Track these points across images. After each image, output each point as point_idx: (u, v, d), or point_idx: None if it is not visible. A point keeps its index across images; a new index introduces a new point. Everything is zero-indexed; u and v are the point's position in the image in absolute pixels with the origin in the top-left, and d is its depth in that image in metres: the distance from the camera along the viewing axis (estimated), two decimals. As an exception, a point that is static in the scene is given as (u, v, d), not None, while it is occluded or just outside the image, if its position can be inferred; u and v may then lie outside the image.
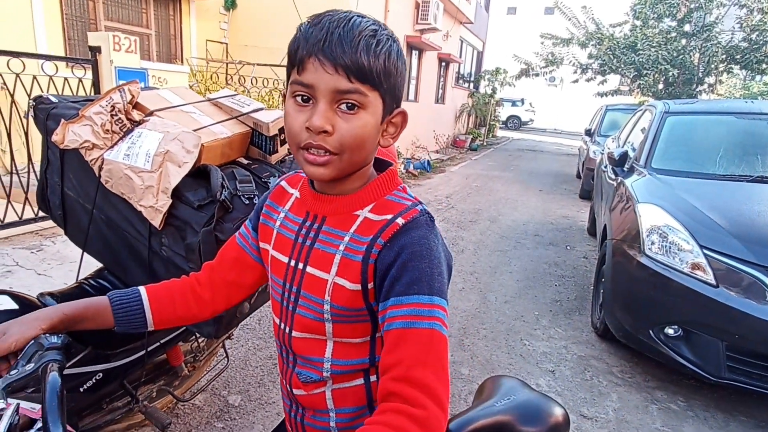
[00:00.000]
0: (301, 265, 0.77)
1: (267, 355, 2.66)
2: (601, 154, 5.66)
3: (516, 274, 4.25)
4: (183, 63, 7.57)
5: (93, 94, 3.91)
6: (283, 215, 0.83)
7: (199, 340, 2.04)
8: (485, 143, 16.43)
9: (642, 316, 2.57)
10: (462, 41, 15.83)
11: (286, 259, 0.79)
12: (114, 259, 1.57)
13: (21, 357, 0.68)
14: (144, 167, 1.34)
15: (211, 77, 6.29)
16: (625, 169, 3.60)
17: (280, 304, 0.80)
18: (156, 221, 1.35)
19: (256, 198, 1.44)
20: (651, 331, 2.50)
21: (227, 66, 7.75)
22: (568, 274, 4.37)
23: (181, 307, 0.88)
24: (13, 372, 0.65)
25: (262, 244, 0.87)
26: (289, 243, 0.79)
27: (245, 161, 1.60)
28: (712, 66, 11.04)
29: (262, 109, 1.66)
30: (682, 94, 11.40)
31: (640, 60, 11.04)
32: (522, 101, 26.41)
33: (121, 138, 1.41)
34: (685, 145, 3.46)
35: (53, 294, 1.47)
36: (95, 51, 3.93)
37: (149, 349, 1.67)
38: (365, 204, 0.74)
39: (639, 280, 2.59)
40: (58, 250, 3.61)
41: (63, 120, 1.38)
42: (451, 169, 10.44)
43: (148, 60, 6.97)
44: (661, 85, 11.74)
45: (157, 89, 1.69)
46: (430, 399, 0.60)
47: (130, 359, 1.62)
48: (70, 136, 1.37)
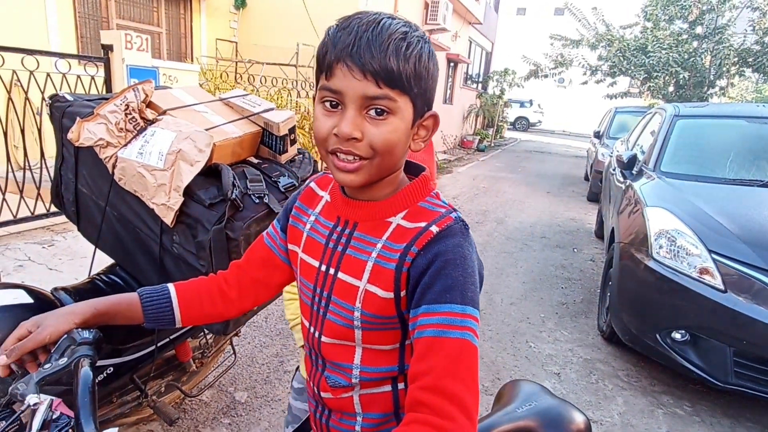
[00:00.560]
0: (332, 271, 0.76)
1: (273, 352, 2.68)
2: (610, 156, 5.63)
3: (522, 276, 4.24)
4: (193, 61, 7.63)
5: (105, 92, 3.96)
6: (313, 218, 0.83)
7: (208, 337, 2.06)
8: (493, 144, 16.38)
9: (649, 320, 2.57)
10: (471, 42, 15.80)
11: (316, 263, 0.79)
12: (126, 256, 1.60)
13: (54, 351, 0.69)
14: (157, 165, 1.37)
15: (220, 76, 6.33)
16: (633, 172, 3.58)
17: (311, 308, 0.80)
18: (168, 219, 1.37)
19: (266, 197, 1.45)
20: (658, 335, 2.50)
21: (237, 65, 7.80)
22: (574, 277, 4.36)
23: (208, 305, 0.89)
24: (47, 366, 0.66)
25: (290, 246, 0.86)
26: (319, 247, 0.79)
27: (255, 160, 1.62)
28: (724, 69, 10.92)
29: (272, 109, 1.68)
30: (692, 96, 11.30)
31: (651, 62, 10.95)
32: (530, 102, 26.30)
33: (134, 136, 1.43)
34: (695, 149, 3.44)
35: (66, 289, 1.50)
36: (107, 49, 3.98)
37: (159, 344, 1.70)
38: (398, 211, 0.73)
39: (646, 284, 2.58)
40: (69, 246, 3.65)
41: (78, 118, 1.40)
42: (459, 169, 10.43)
43: (159, 58, 7.04)
44: (671, 88, 11.65)
45: (169, 88, 1.71)
46: (460, 410, 0.59)
47: (139, 354, 1.64)
48: (85, 134, 1.39)
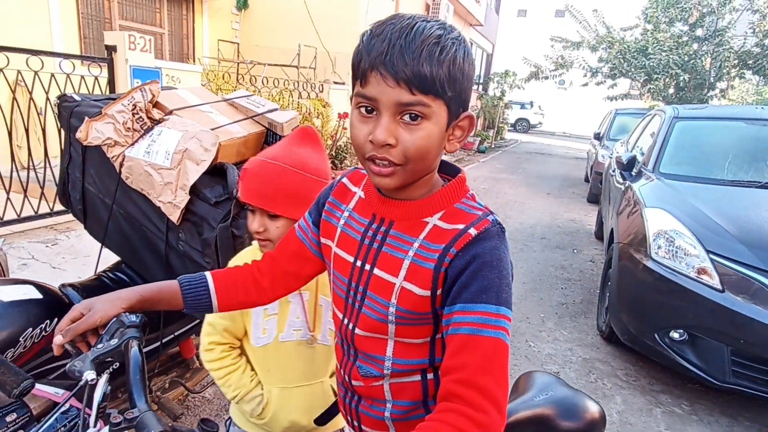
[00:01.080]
0: (368, 267, 0.78)
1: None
2: (610, 158, 5.65)
3: (522, 277, 4.26)
4: (195, 62, 7.66)
5: (108, 93, 3.99)
6: (347, 214, 0.84)
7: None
8: (493, 145, 16.41)
9: (647, 320, 2.59)
10: (472, 43, 15.85)
11: (351, 258, 0.81)
12: (132, 253, 1.63)
13: (104, 333, 0.75)
14: (163, 164, 1.39)
15: (222, 77, 6.36)
16: (633, 173, 3.61)
17: (345, 300, 0.82)
18: (174, 216, 1.40)
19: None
20: (656, 335, 2.52)
21: (238, 66, 7.84)
22: (574, 278, 4.38)
23: (243, 294, 0.92)
24: (100, 346, 0.72)
25: (323, 240, 0.88)
26: (354, 243, 0.81)
27: (260, 160, 1.64)
28: (724, 71, 10.96)
29: (276, 109, 1.71)
30: (692, 99, 11.32)
31: (651, 64, 10.98)
32: (531, 104, 26.33)
33: (141, 136, 1.46)
34: (694, 150, 3.46)
35: (74, 285, 1.53)
36: (111, 50, 4.01)
37: (164, 341, 1.72)
38: (434, 211, 0.74)
39: (645, 284, 2.61)
40: (73, 245, 3.68)
41: (87, 118, 1.43)
42: (459, 170, 10.43)
43: (161, 59, 7.07)
44: (671, 90, 11.68)
45: (175, 89, 1.74)
46: (492, 405, 0.62)
47: (145, 350, 1.67)
48: (93, 133, 1.42)
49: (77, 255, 3.51)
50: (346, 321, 0.83)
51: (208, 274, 0.91)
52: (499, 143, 17.67)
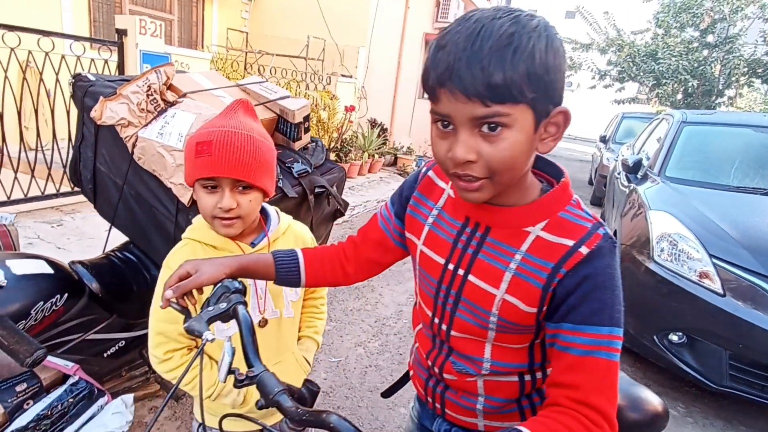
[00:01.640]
0: (461, 272, 0.76)
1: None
2: (615, 161, 5.65)
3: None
4: (204, 50, 7.66)
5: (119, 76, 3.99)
6: (436, 212, 0.83)
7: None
8: (498, 145, 16.39)
9: (647, 322, 2.60)
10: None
11: (442, 260, 0.79)
12: (140, 234, 1.64)
13: (212, 296, 0.80)
14: (176, 146, 1.41)
15: (231, 65, 6.36)
16: (638, 176, 3.61)
17: (434, 301, 0.82)
18: (185, 198, 1.41)
19: (281, 182, 1.49)
20: (655, 337, 2.53)
21: (247, 55, 7.83)
22: (575, 278, 4.39)
23: (329, 273, 0.95)
24: (210, 309, 0.76)
25: (408, 235, 0.88)
26: (446, 245, 0.79)
27: (271, 146, 1.65)
28: (733, 78, 10.93)
29: (288, 96, 1.72)
30: (700, 105, 11.30)
31: (660, 69, 10.96)
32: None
33: (155, 117, 1.47)
34: (701, 156, 3.47)
35: (83, 263, 1.55)
36: (122, 34, 4.01)
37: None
38: (537, 221, 0.71)
39: (646, 286, 2.62)
40: (78, 226, 3.70)
41: (101, 97, 1.44)
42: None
43: (170, 45, 7.08)
44: (680, 96, 11.65)
45: (187, 72, 1.75)
46: (606, 422, 0.64)
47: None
48: (107, 113, 1.43)
49: (82, 236, 3.54)
50: (437, 321, 0.82)
51: (299, 251, 0.94)
52: (504, 143, 17.64)
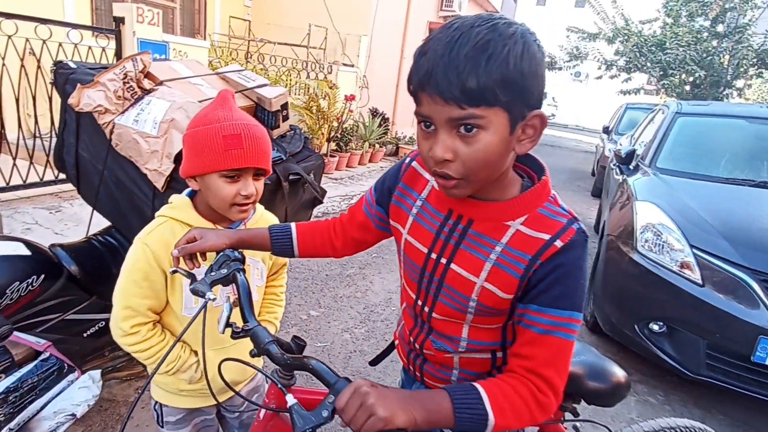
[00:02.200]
0: (444, 261, 0.82)
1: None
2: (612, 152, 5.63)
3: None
4: (206, 38, 7.67)
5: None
6: (420, 203, 0.88)
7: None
8: (503, 135, 16.29)
9: (629, 311, 2.63)
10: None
11: (425, 249, 0.85)
12: (121, 218, 1.69)
13: (214, 263, 0.91)
14: (151, 133, 1.45)
15: (230, 53, 6.38)
16: (631, 167, 3.61)
17: (418, 285, 0.89)
18: (159, 184, 1.46)
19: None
20: (636, 326, 2.56)
21: (248, 43, 7.84)
22: (568, 269, 4.41)
23: (319, 246, 1.06)
24: (213, 274, 0.88)
25: (393, 223, 0.94)
26: (429, 235, 0.84)
27: (246, 133, 1.68)
28: (742, 69, 10.75)
29: (266, 84, 1.75)
30: (708, 96, 11.14)
31: (667, 59, 10.80)
32: (545, 95, 25.94)
33: (132, 104, 1.51)
34: (693, 147, 3.45)
35: (63, 246, 1.60)
36: (119, 21, 4.05)
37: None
38: (517, 215, 0.76)
39: (629, 276, 2.64)
40: (75, 213, 3.78)
41: (79, 84, 1.49)
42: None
43: (171, 33, 7.09)
44: (687, 87, 11.49)
45: (169, 60, 1.78)
46: (552, 391, 0.74)
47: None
48: (84, 99, 1.47)
49: (79, 222, 3.61)
50: (420, 303, 0.90)
51: (293, 225, 1.05)
52: (509, 133, 17.52)
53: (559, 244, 0.73)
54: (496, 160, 0.70)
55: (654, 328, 2.52)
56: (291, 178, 1.65)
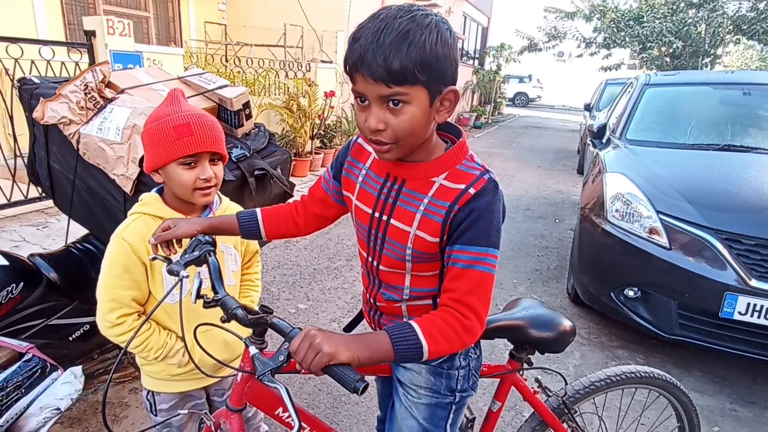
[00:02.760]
0: (385, 218, 0.96)
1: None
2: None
3: (501, 246, 4.36)
4: (182, 46, 7.68)
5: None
6: (364, 172, 1.01)
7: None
8: (490, 121, 16.36)
9: (605, 280, 2.71)
10: (465, 17, 15.65)
11: (369, 210, 0.98)
12: (96, 225, 1.75)
13: (188, 247, 1.02)
14: (115, 140, 1.51)
15: (206, 59, 6.40)
16: (603, 141, 3.68)
17: (367, 243, 1.02)
18: (127, 188, 1.52)
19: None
20: (612, 293, 2.64)
21: (226, 47, 7.85)
22: (552, 245, 4.50)
23: (283, 226, 1.17)
24: (186, 256, 0.99)
25: (345, 192, 1.07)
26: (372, 197, 0.98)
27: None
28: (719, 38, 10.81)
29: (227, 85, 1.81)
30: (688, 66, 11.20)
31: (645, 32, 10.86)
32: (529, 77, 26.05)
33: (95, 114, 1.57)
34: (661, 117, 3.53)
35: (42, 255, 1.66)
36: (90, 35, 4.07)
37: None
38: (440, 172, 0.90)
39: (603, 246, 2.72)
40: (63, 227, 3.81)
41: (42, 98, 1.54)
42: (452, 146, 10.45)
43: (147, 43, 7.11)
44: (668, 59, 11.55)
45: (131, 69, 1.84)
46: (475, 316, 0.86)
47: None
48: (48, 112, 1.53)
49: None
50: (370, 259, 1.03)
51: (258, 210, 1.16)
52: (496, 118, 17.59)
53: (472, 191, 0.87)
54: (420, 128, 0.83)
55: (629, 294, 2.60)
56: (257, 173, 1.72)
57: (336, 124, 7.50)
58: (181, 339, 1.25)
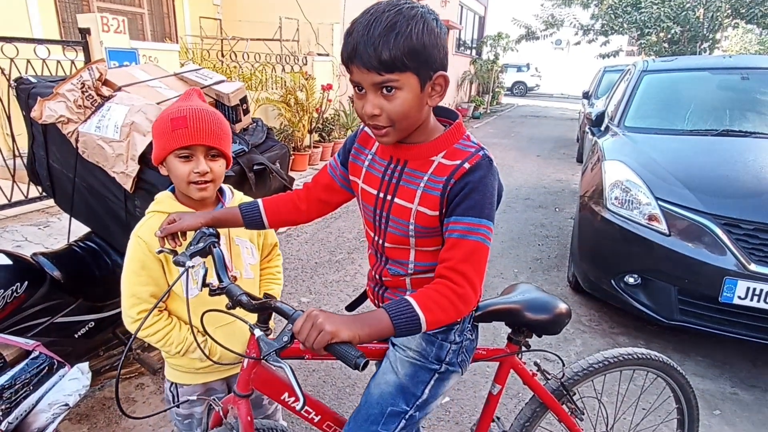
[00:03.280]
0: (389, 197, 1.02)
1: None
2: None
3: (501, 236, 4.39)
4: (178, 41, 7.64)
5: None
6: (370, 157, 1.08)
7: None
8: (488, 111, 16.30)
9: (605, 267, 2.73)
10: (462, 6, 15.53)
11: (374, 191, 1.05)
12: (98, 223, 1.76)
13: (193, 240, 1.05)
14: (113, 137, 1.51)
15: (202, 54, 6.37)
16: (601, 128, 3.68)
17: (373, 223, 1.08)
18: (127, 185, 1.52)
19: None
20: (612, 281, 2.66)
21: (222, 42, 7.81)
22: (552, 234, 4.51)
23: (285, 214, 1.21)
24: (191, 248, 1.02)
25: (352, 177, 1.13)
26: (377, 180, 1.05)
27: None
28: (717, 22, 10.75)
29: (223, 81, 1.81)
30: (686, 52, 11.15)
31: (643, 18, 10.80)
32: (527, 66, 25.91)
33: (93, 112, 1.57)
34: (659, 103, 3.52)
35: (45, 254, 1.67)
36: (85, 33, 4.06)
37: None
38: (439, 151, 0.97)
39: (602, 234, 2.73)
40: (64, 226, 3.81)
41: (39, 98, 1.54)
42: (451, 137, 10.42)
43: (143, 40, 7.07)
44: (666, 44, 11.49)
45: (127, 67, 1.84)
46: (468, 284, 0.90)
47: (118, 311, 1.82)
48: (46, 111, 1.53)
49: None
50: (376, 238, 1.09)
51: (260, 201, 1.20)
52: (495, 108, 17.52)
53: (467, 165, 0.93)
54: (413, 111, 0.90)
55: (629, 280, 2.61)
56: (256, 168, 1.72)
57: (334, 117, 7.48)
58: (202, 333, 1.25)
